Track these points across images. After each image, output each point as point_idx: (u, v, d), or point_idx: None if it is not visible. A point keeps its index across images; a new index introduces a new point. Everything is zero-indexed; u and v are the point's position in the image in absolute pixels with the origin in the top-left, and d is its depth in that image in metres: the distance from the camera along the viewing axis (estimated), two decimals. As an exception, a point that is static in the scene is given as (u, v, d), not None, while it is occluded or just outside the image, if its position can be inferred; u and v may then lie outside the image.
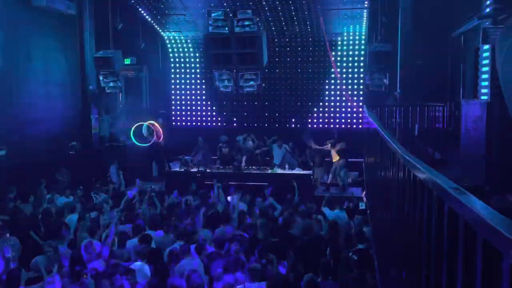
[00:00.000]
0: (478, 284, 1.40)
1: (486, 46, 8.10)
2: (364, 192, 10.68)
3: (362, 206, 10.03)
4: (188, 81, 16.57)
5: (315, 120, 15.75)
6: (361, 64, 15.10)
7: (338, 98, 15.58)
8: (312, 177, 12.56)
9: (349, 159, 13.09)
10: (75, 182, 11.32)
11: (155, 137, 14.23)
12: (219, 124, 16.36)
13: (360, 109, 14.91)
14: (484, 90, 8.17)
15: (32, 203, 9.61)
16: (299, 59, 15.62)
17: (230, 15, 12.22)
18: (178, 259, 6.57)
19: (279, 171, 12.63)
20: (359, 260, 6.36)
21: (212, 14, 12.26)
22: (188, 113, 16.65)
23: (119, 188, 12.54)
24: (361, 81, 15.08)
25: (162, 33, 15.85)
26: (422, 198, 2.31)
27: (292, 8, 13.60)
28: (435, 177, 2.01)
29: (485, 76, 8.19)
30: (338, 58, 15.31)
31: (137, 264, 6.43)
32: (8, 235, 7.35)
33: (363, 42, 15.02)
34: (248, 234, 8.03)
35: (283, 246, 7.31)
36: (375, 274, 5.42)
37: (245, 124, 15.97)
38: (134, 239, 7.42)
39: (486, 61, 8.15)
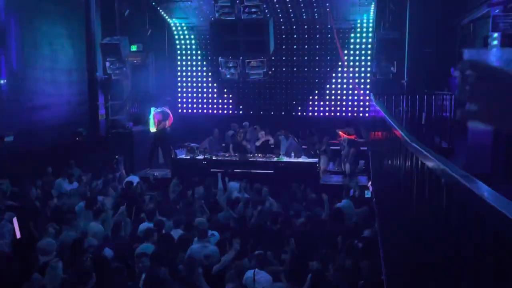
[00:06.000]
0: (488, 272, 1.40)
1: (496, 34, 8.01)
2: (370, 181, 10.67)
3: (367, 194, 10.04)
4: (194, 68, 16.52)
5: (321, 108, 15.69)
6: (369, 52, 14.98)
7: (345, 86, 15.49)
8: (317, 165, 12.54)
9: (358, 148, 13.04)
10: (81, 169, 11.36)
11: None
12: (225, 111, 16.33)
13: (367, 97, 14.84)
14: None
15: (39, 188, 9.68)
16: (306, 46, 15.50)
17: (237, 1, 12.15)
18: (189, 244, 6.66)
19: (285, 159, 12.62)
20: (364, 247, 6.38)
21: (219, 1, 12.20)
22: (194, 100, 16.63)
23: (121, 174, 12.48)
24: (368, 69, 14.97)
25: (168, 19, 15.78)
26: (430, 185, 2.30)
27: (299, -5, 13.48)
28: (444, 164, 2.00)
29: (494, 64, 8.10)
30: (345, 46, 15.19)
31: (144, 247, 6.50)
32: (14, 220, 7.39)
33: (370, 29, 14.89)
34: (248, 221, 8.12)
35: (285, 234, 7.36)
36: (380, 262, 5.43)
37: (251, 112, 15.93)
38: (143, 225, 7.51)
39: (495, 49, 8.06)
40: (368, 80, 15.06)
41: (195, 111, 16.58)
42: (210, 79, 16.40)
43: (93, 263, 5.69)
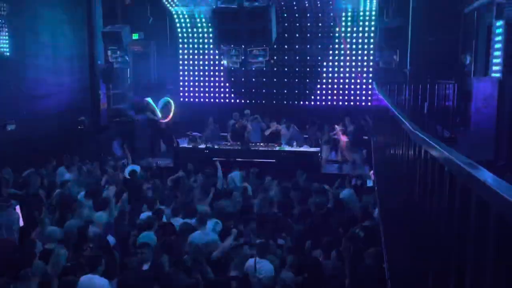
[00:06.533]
0: (491, 258, 1.39)
1: (500, 22, 7.94)
2: (372, 170, 10.67)
3: (369, 183, 10.03)
4: (196, 57, 16.45)
5: (323, 97, 15.63)
6: (371, 40, 14.89)
7: (347, 74, 15.42)
8: (320, 154, 12.54)
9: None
10: (83, 157, 11.37)
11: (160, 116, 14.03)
12: (227, 100, 16.29)
13: (370, 86, 14.77)
14: (496, 67, 8.05)
15: (44, 176, 9.70)
16: (308, 35, 15.40)
17: (239, -11, 12.06)
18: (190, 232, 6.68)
19: (287, 148, 12.62)
20: (365, 236, 6.39)
21: (221, -12, 12.11)
22: (196, 89, 16.58)
23: (126, 162, 12.54)
24: (371, 57, 14.89)
25: (170, 7, 15.69)
26: (433, 173, 2.29)
27: (302, -18, 13.37)
28: (448, 152, 1.99)
29: (497, 53, 8.05)
30: (348, 34, 15.09)
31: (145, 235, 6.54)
32: (17, 208, 7.42)
33: (373, 17, 14.78)
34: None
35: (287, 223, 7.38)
36: (382, 251, 5.44)
37: (253, 101, 15.89)
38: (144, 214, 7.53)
39: (499, 38, 7.99)
40: (371, 69, 14.99)
41: (197, 99, 16.54)
42: (212, 67, 16.35)
43: (101, 250, 5.76)
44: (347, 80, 15.42)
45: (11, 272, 5.28)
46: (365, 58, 15.13)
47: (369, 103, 14.55)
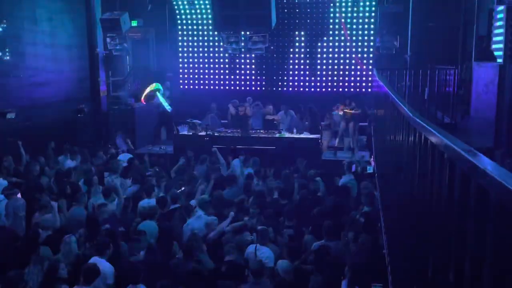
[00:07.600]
0: (490, 246, 1.40)
1: (501, 7, 7.88)
2: (372, 156, 10.68)
3: (369, 169, 10.05)
4: (195, 43, 16.36)
5: (323, 84, 15.58)
6: (372, 26, 14.79)
7: (347, 61, 15.35)
8: (320, 140, 12.53)
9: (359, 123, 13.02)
10: (83, 145, 11.37)
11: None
12: (227, 87, 16.23)
13: (370, 72, 14.71)
14: (497, 53, 8.00)
15: (42, 164, 9.71)
16: (308, 20, 15.30)
17: (238, -25, 11.96)
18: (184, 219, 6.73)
19: (287, 135, 12.60)
20: (365, 222, 6.42)
21: (220, -26, 12.01)
22: (196, 76, 16.51)
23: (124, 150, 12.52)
24: (371, 43, 14.81)
25: (169, -6, 15.57)
26: (433, 160, 2.30)
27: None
28: (448, 139, 1.99)
29: (498, 38, 8.00)
30: (348, 20, 14.99)
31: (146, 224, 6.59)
32: (19, 195, 7.46)
33: (374, 3, 14.67)
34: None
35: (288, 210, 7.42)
36: (382, 236, 5.48)
37: (253, 88, 15.85)
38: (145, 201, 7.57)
39: (500, 23, 7.94)
40: (371, 55, 14.92)
41: (196, 87, 16.49)
42: (211, 54, 16.27)
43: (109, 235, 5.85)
44: (347, 66, 15.36)
45: (17, 261, 5.35)
46: (366, 44, 15.05)
47: (369, 90, 14.51)
